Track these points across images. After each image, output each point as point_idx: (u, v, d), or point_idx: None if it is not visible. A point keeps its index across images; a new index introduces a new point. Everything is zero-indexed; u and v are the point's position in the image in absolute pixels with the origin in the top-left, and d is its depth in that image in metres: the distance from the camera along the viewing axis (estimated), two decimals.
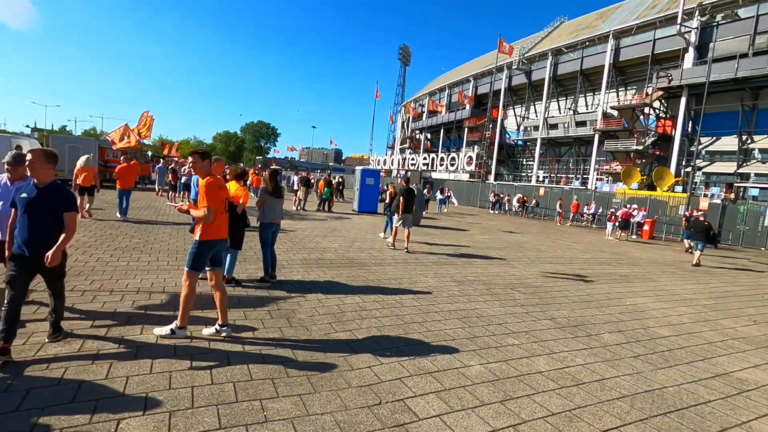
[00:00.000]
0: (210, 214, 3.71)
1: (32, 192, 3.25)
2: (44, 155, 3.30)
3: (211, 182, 3.76)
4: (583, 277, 8.60)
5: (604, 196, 27.53)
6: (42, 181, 3.28)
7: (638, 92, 35.69)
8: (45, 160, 3.28)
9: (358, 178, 18.97)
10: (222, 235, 3.95)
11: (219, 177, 3.94)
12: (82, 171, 10.41)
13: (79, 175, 10.39)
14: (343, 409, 2.89)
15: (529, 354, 4.18)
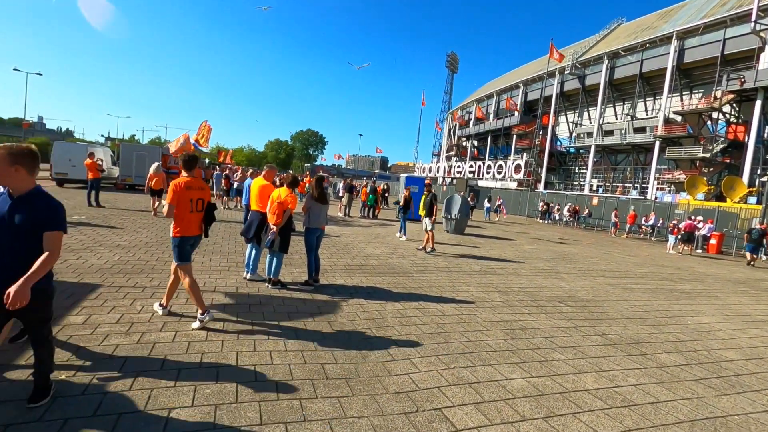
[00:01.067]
0: (170, 210, 4.03)
1: (4, 204, 2.44)
2: (6, 155, 2.38)
3: (176, 184, 4.05)
4: (638, 292, 8.09)
5: (665, 206, 25.75)
6: (17, 188, 2.44)
7: (705, 96, 33.21)
8: (7, 162, 2.38)
9: (402, 185, 19.03)
10: (193, 232, 4.20)
11: (191, 179, 4.17)
12: (153, 176, 12.55)
13: (152, 180, 12.54)
14: (379, 414, 2.90)
15: (576, 370, 3.99)
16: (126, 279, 5.50)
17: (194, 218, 4.18)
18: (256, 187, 6.01)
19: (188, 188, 4.08)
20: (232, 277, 6.15)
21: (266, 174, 6.22)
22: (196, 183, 4.19)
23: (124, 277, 5.55)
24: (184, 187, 4.06)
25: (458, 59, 79.07)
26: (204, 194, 4.26)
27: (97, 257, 6.50)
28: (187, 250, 4.17)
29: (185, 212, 4.07)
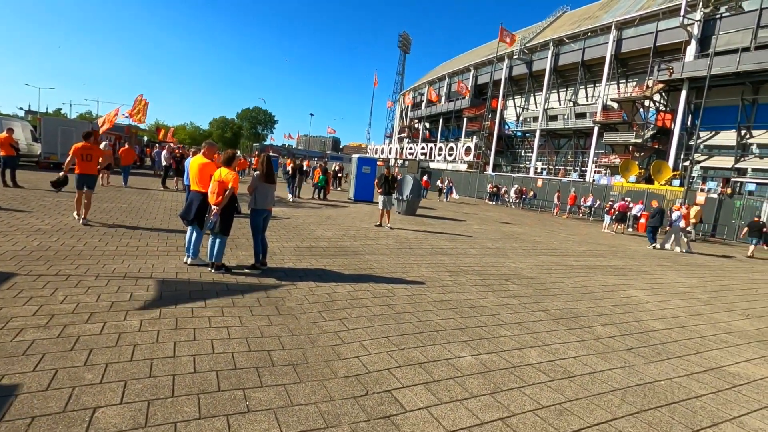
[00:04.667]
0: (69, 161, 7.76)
1: None
2: None
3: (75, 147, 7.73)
4: (577, 268, 8.56)
5: (601, 188, 27.47)
6: None
7: (639, 85, 35.44)
8: None
9: (354, 166, 18.81)
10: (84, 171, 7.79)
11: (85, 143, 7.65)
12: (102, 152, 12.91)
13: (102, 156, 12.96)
14: (328, 399, 2.82)
15: (521, 346, 4.12)
16: (47, 267, 4.97)
17: (84, 164, 7.73)
18: (195, 166, 5.61)
19: (83, 148, 7.71)
20: (171, 262, 5.75)
21: (206, 152, 5.81)
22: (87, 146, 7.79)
23: (44, 265, 5.01)
24: (80, 147, 7.71)
25: (411, 40, 78.69)
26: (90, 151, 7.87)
27: (12, 243, 5.83)
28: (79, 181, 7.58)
29: (79, 160, 7.66)
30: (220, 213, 5.25)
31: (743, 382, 3.85)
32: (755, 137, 29.55)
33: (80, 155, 7.75)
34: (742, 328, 5.61)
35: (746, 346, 4.91)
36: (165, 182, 16.10)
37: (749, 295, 7.88)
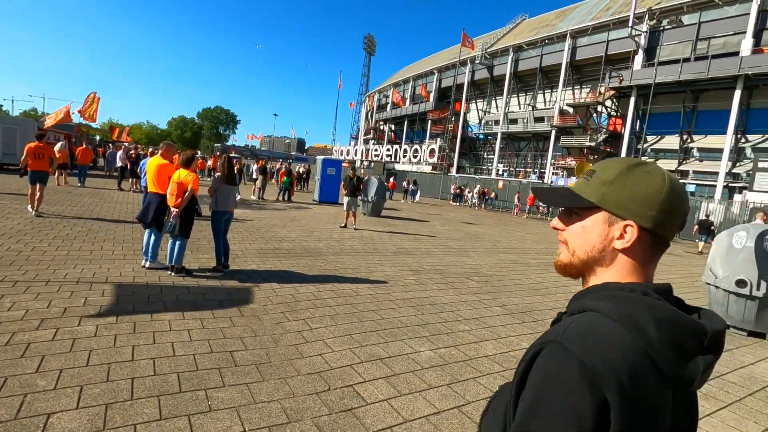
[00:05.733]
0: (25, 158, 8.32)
1: None
2: None
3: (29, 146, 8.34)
4: (534, 266, 8.98)
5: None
6: None
7: (592, 91, 37.29)
8: None
9: (319, 167, 18.75)
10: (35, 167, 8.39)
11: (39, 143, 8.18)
12: (59, 152, 13.27)
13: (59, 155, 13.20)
14: (291, 396, 2.89)
15: (478, 339, 4.33)
16: None
17: (37, 162, 8.32)
18: (153, 167, 5.49)
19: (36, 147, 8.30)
20: (128, 266, 5.60)
21: (164, 152, 5.70)
22: (39, 145, 8.45)
23: None
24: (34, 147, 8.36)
25: (375, 42, 79.04)
26: (42, 150, 8.52)
27: None
28: (32, 177, 8.19)
29: (32, 158, 8.26)
30: (179, 215, 5.18)
31: None
32: (695, 141, 31.80)
33: (33, 154, 8.44)
34: None
35: None
36: (120, 184, 15.47)
37: (686, 288, 8.54)
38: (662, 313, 0.64)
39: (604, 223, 0.76)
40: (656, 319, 0.63)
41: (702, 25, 30.16)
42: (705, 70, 28.53)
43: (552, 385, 0.61)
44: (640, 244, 0.75)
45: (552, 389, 0.61)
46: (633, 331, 0.63)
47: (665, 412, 0.64)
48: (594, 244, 0.77)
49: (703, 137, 31.16)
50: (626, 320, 0.64)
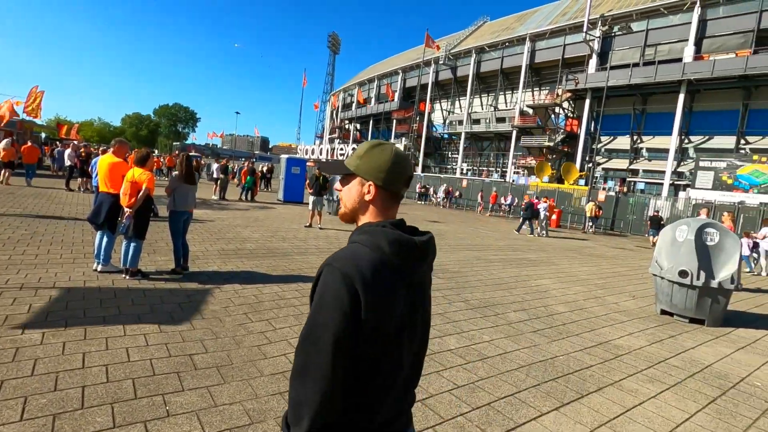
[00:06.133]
0: None
1: None
2: None
3: None
4: (496, 262, 9.24)
5: (519, 188, 29.63)
6: None
7: (550, 92, 38.72)
8: None
9: (283, 167, 18.47)
10: None
11: None
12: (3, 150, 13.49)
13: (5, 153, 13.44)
14: (253, 397, 2.84)
15: (442, 334, 4.42)
16: None
17: None
18: (104, 166, 5.23)
19: None
20: (78, 270, 5.31)
21: (116, 150, 5.44)
22: None
23: None
24: None
25: (340, 40, 78.67)
26: None
27: None
28: None
29: None
30: (134, 216, 4.97)
31: (624, 352, 4.48)
32: (645, 142, 33.69)
33: None
34: (628, 308, 6.47)
35: (630, 322, 5.68)
36: (69, 183, 14.60)
37: (636, 280, 9.05)
38: (392, 237, 1.02)
39: (359, 185, 1.13)
40: (388, 241, 1.01)
41: (649, 33, 31.98)
42: (652, 75, 30.26)
43: (326, 289, 0.96)
44: (379, 197, 1.11)
45: (326, 291, 0.96)
46: (374, 249, 1.00)
47: (399, 298, 1.02)
48: (354, 198, 1.14)
49: (652, 138, 33.06)
50: (371, 243, 1.02)
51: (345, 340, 0.95)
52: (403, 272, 1.04)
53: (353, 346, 0.97)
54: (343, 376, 0.97)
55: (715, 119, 29.92)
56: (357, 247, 1.03)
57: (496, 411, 3.01)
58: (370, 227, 1.07)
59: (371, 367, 1.01)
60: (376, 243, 1.02)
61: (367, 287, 0.95)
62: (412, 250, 1.05)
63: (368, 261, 0.98)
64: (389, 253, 1.01)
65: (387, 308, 1.00)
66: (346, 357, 0.97)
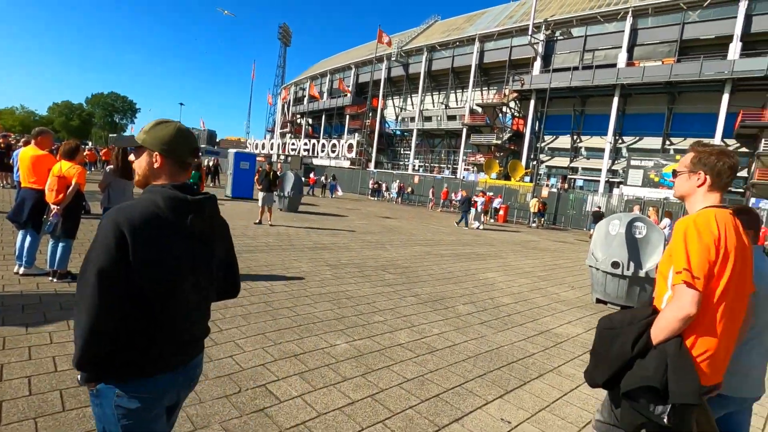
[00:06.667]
0: None
1: None
2: None
3: None
4: (446, 256, 9.48)
5: (469, 184, 30.53)
6: None
7: (498, 92, 40.18)
8: None
9: (231, 161, 17.80)
10: None
11: None
12: None
13: None
14: (196, 402, 2.73)
15: (393, 329, 4.47)
16: None
17: None
18: (26, 159, 4.77)
19: None
20: None
21: (39, 141, 4.98)
22: None
23: None
24: None
25: (291, 32, 76.88)
26: None
27: None
28: None
29: None
30: (63, 213, 4.58)
31: (564, 339, 4.76)
32: (584, 142, 35.88)
33: None
34: (568, 298, 6.88)
35: (569, 311, 6.05)
36: None
37: (576, 271, 9.64)
38: (167, 195, 1.26)
39: (148, 156, 1.35)
40: (163, 198, 1.25)
41: (588, 38, 34.00)
42: (590, 79, 32.24)
43: (99, 233, 1.18)
44: (166, 164, 1.34)
45: (98, 234, 1.18)
46: (150, 204, 1.24)
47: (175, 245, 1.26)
48: (144, 167, 1.35)
49: (590, 138, 35.26)
50: (148, 199, 1.26)
51: (109, 274, 1.13)
52: (178, 225, 1.27)
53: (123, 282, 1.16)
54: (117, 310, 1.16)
55: (644, 121, 32.45)
56: (135, 202, 1.26)
57: (444, 402, 3.09)
58: (153, 188, 1.31)
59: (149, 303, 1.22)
60: (153, 199, 1.26)
61: (134, 232, 1.17)
62: (186, 205, 1.29)
63: (140, 212, 1.21)
64: (163, 207, 1.25)
65: (157, 252, 1.22)
66: (115, 291, 1.15)
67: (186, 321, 1.35)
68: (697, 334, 1.56)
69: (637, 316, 1.68)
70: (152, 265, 1.20)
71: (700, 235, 1.54)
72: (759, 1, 26.87)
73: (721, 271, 1.54)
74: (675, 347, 1.53)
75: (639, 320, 1.65)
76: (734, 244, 1.56)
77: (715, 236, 1.55)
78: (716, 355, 1.58)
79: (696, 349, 1.56)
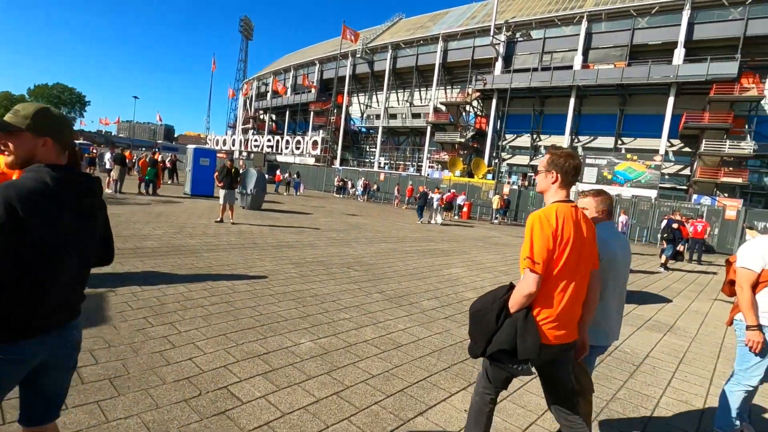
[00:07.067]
0: None
1: None
2: None
3: None
4: (411, 253, 9.57)
5: (434, 182, 30.93)
6: None
7: (461, 91, 40.88)
8: None
9: (190, 158, 17.17)
10: None
11: None
12: None
13: None
14: (153, 408, 2.62)
15: (358, 326, 4.47)
16: None
17: None
18: None
19: None
20: None
21: None
22: None
23: None
24: None
25: (253, 26, 74.96)
26: None
27: None
28: None
29: None
30: None
31: None
32: (543, 141, 37.16)
33: None
34: None
35: None
36: None
37: None
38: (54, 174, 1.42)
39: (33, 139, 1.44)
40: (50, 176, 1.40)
41: (546, 41, 35.18)
42: (549, 80, 33.40)
43: None
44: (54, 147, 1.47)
45: None
46: (37, 181, 1.38)
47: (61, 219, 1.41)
48: (31, 150, 1.45)
49: (548, 137, 36.55)
50: (35, 176, 1.39)
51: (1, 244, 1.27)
52: (64, 200, 1.43)
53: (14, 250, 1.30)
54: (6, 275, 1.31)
55: (598, 122, 34.01)
56: (23, 178, 1.39)
57: (409, 396, 3.13)
58: (38, 167, 1.43)
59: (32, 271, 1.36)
60: (40, 176, 1.39)
61: (24, 206, 1.30)
62: (71, 184, 1.46)
63: (28, 188, 1.34)
64: (51, 184, 1.39)
65: (45, 223, 1.36)
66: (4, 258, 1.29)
67: (66, 288, 1.52)
68: (541, 305, 1.94)
69: (497, 295, 2.07)
70: (40, 236, 1.35)
71: (542, 228, 1.89)
72: (700, 11, 28.76)
73: (560, 256, 1.90)
74: (522, 316, 1.93)
75: (498, 299, 2.04)
76: (570, 233, 1.92)
77: (554, 228, 1.89)
78: (559, 321, 1.94)
79: (540, 317, 1.93)
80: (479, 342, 2.06)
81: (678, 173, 31.69)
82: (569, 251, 1.90)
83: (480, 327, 2.06)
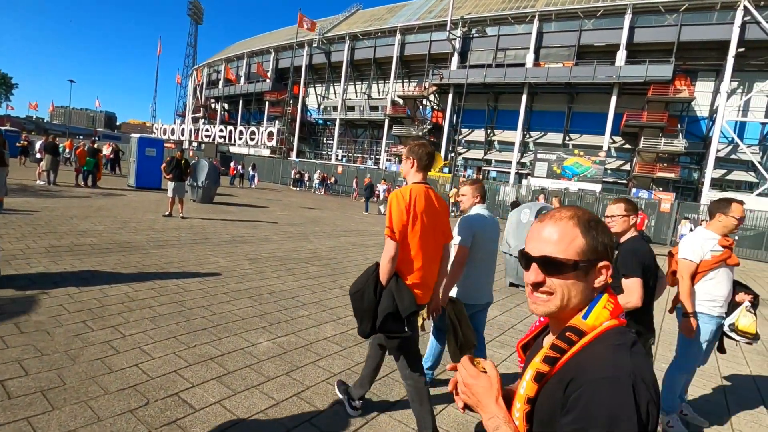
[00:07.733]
0: None
1: None
2: None
3: None
4: (370, 246, 9.52)
5: (392, 175, 31.02)
6: None
7: (418, 85, 41.16)
8: None
9: (134, 148, 16.09)
10: None
11: None
12: None
13: None
14: (94, 421, 2.40)
15: (318, 323, 4.36)
16: None
17: None
18: None
19: None
20: None
21: None
22: None
23: None
24: None
25: (203, 9, 71.32)
26: None
27: None
28: None
29: None
30: None
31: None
32: (497, 135, 38.27)
33: None
34: None
35: None
36: None
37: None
38: None
39: None
40: None
41: (500, 38, 36.08)
42: (502, 76, 34.32)
43: None
44: None
45: None
46: None
47: None
48: None
49: (502, 132, 37.71)
50: None
51: None
52: None
53: None
54: None
55: (548, 118, 35.48)
56: None
57: (372, 393, 3.08)
58: None
59: None
60: None
61: None
62: None
63: None
64: None
65: None
66: None
67: None
68: (406, 272, 2.34)
69: (369, 273, 2.37)
70: None
71: (398, 204, 2.28)
72: (640, 15, 30.57)
73: (413, 228, 2.30)
74: (395, 282, 2.30)
75: (370, 275, 2.35)
76: (422, 209, 2.32)
77: (407, 202, 2.28)
78: (422, 283, 2.38)
79: (408, 281, 2.33)
80: (366, 319, 2.32)
81: (619, 168, 33.74)
82: (421, 222, 2.31)
83: (363, 304, 2.32)
